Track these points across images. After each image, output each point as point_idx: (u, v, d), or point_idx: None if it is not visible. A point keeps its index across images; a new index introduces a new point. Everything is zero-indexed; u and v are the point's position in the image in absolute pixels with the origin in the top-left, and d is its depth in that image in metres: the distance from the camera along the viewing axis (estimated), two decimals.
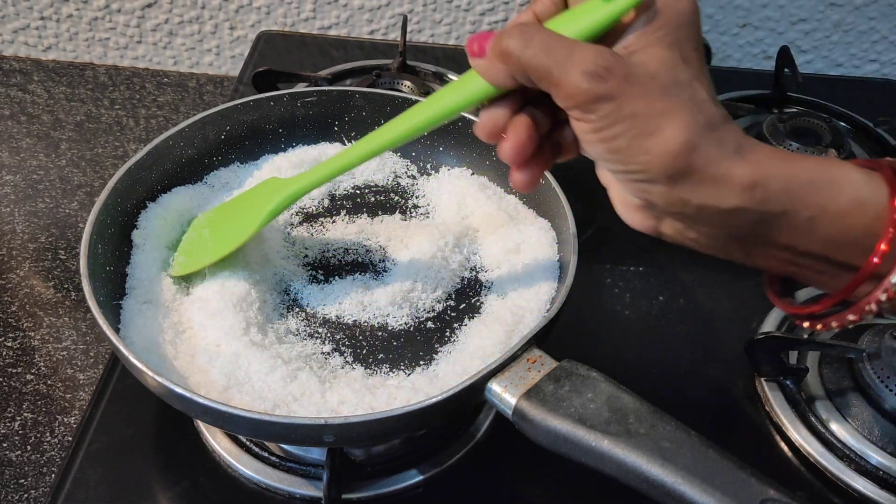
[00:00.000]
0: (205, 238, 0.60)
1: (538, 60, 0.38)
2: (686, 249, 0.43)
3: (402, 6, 1.06)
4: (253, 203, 0.59)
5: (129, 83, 1.06)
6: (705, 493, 0.40)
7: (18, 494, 0.60)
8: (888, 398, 0.58)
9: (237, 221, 0.59)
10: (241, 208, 0.60)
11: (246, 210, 0.59)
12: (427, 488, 0.56)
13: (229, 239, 0.58)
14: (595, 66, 0.37)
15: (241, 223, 0.58)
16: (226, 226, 0.60)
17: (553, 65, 0.38)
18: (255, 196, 0.59)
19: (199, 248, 0.60)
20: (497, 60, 0.41)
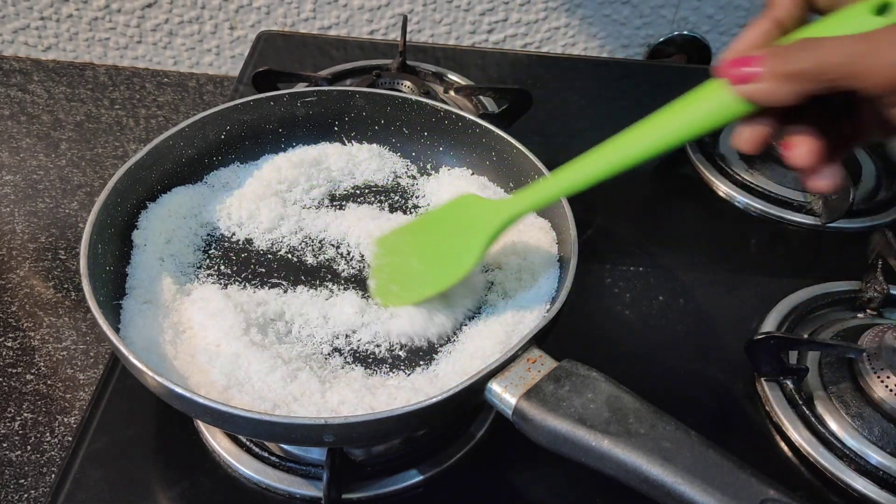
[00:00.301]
0: (413, 265, 0.57)
1: (837, 60, 0.38)
2: (686, 249, 0.43)
3: (402, 6, 1.06)
4: (457, 224, 0.56)
5: (129, 83, 1.06)
6: (705, 494, 0.41)
7: (18, 494, 0.60)
8: (888, 398, 0.58)
9: (447, 247, 0.56)
10: (444, 230, 0.57)
11: (452, 234, 0.56)
12: (427, 488, 0.56)
13: (446, 270, 0.55)
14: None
15: (453, 250, 0.55)
16: (433, 251, 0.57)
17: (855, 59, 0.38)
18: (455, 216, 0.56)
19: (410, 277, 0.57)
20: (785, 82, 0.39)
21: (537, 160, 0.64)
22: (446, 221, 0.58)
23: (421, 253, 0.58)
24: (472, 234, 0.55)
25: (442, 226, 0.58)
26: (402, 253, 0.59)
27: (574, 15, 1.07)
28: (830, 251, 0.77)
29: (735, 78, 0.41)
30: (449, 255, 0.56)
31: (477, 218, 0.55)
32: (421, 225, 0.61)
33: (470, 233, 0.55)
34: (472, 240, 0.55)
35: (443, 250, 0.57)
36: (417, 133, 0.72)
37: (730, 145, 0.41)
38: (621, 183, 0.83)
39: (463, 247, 0.55)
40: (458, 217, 0.57)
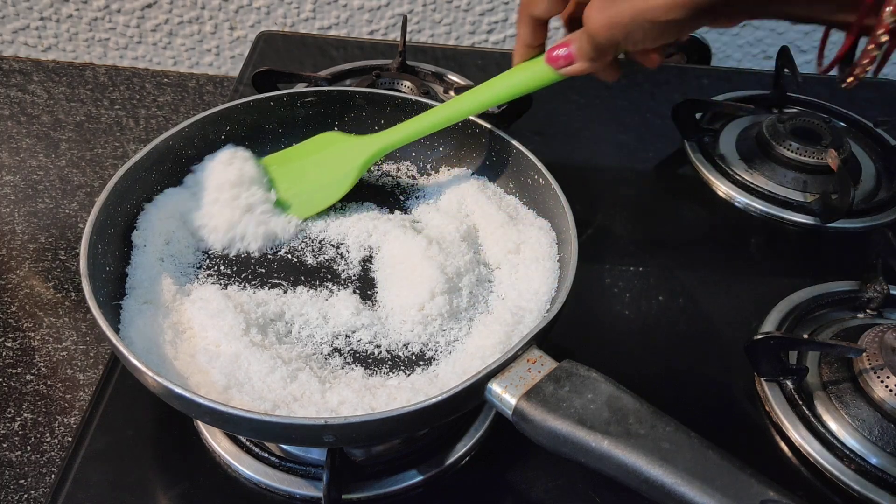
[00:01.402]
0: (299, 187, 0.67)
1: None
2: (686, 249, 0.43)
3: (401, 6, 1.06)
4: (327, 157, 0.67)
5: (129, 83, 1.06)
6: (705, 494, 0.41)
7: (18, 495, 0.60)
8: (888, 398, 0.58)
9: (323, 174, 0.67)
10: (317, 160, 0.67)
11: (325, 164, 0.67)
12: (427, 488, 0.56)
13: (323, 193, 0.66)
14: None
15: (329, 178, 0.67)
16: (311, 175, 0.67)
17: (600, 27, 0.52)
18: (323, 149, 0.68)
19: (304, 190, 0.67)
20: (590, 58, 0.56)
21: (537, 160, 0.64)
22: (316, 152, 0.68)
23: (305, 175, 0.68)
24: (344, 167, 0.66)
25: (314, 156, 0.68)
26: (291, 172, 0.68)
27: None
28: (830, 251, 0.77)
29: (557, 64, 0.58)
30: (327, 183, 0.67)
31: (345, 152, 0.67)
32: (296, 152, 0.69)
33: (341, 165, 0.67)
34: (343, 172, 0.66)
35: (322, 177, 0.67)
36: None
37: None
38: (621, 183, 0.84)
39: (337, 177, 0.67)
40: (326, 150, 0.68)
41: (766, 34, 1.07)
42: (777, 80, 0.91)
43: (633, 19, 0.49)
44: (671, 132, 0.87)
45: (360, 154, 0.66)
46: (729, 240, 0.78)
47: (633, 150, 0.88)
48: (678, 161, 0.86)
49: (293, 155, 0.69)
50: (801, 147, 0.81)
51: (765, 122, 0.84)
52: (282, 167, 0.68)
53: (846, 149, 0.80)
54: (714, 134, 0.87)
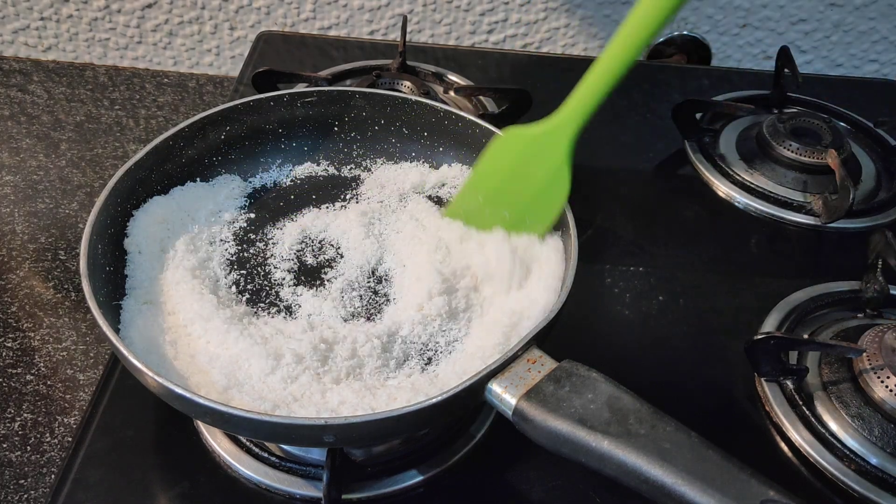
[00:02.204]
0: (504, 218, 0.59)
1: None
2: (686, 249, 0.43)
3: (401, 6, 1.06)
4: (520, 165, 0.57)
5: (128, 83, 1.06)
6: (705, 494, 0.40)
7: (18, 495, 0.60)
8: (888, 398, 0.58)
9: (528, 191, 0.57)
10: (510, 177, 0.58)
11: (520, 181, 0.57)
12: (427, 488, 0.56)
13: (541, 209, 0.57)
14: None
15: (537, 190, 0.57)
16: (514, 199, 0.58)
17: None
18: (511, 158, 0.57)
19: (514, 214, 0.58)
20: None
21: None
22: (504, 169, 0.58)
23: (504, 207, 0.58)
24: (546, 168, 0.56)
25: (502, 175, 0.58)
26: (483, 213, 0.59)
27: (574, 15, 1.07)
28: (830, 251, 0.77)
29: None
30: (534, 198, 0.57)
31: (537, 151, 0.55)
32: (480, 182, 0.60)
33: (543, 162, 0.56)
34: (549, 174, 0.56)
35: (524, 198, 0.57)
36: (417, 133, 0.72)
37: None
38: (621, 183, 0.84)
39: (544, 185, 0.56)
40: (514, 161, 0.57)
41: (766, 34, 1.08)
42: (777, 80, 0.91)
43: None
44: (671, 132, 0.87)
45: (556, 146, 0.56)
46: (729, 240, 0.78)
47: (633, 150, 0.88)
48: (678, 161, 0.86)
49: (478, 187, 0.60)
50: (801, 147, 0.81)
51: (765, 122, 0.84)
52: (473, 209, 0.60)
53: (846, 149, 0.80)
54: (714, 134, 0.87)
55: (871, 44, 1.08)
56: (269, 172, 0.71)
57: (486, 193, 0.60)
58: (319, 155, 0.73)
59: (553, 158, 0.56)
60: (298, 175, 0.72)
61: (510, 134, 0.59)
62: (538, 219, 0.58)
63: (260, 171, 0.71)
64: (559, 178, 0.56)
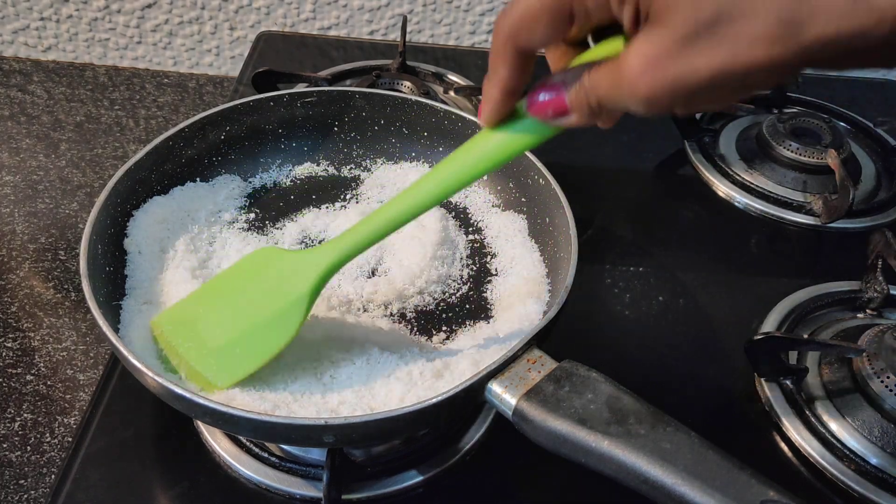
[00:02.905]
0: (218, 337, 0.52)
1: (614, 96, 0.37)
2: (686, 249, 0.43)
3: (401, 6, 1.06)
4: (261, 283, 0.50)
5: (128, 84, 1.06)
6: (705, 495, 0.40)
7: (18, 495, 0.60)
8: (888, 398, 0.58)
9: (259, 310, 0.51)
10: (244, 292, 0.51)
11: (260, 295, 0.50)
12: (427, 488, 0.56)
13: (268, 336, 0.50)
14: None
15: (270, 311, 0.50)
16: (240, 318, 0.51)
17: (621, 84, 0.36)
18: (254, 274, 0.51)
19: (225, 350, 0.51)
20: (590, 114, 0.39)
21: (537, 160, 0.64)
22: (242, 286, 0.53)
23: (224, 327, 0.51)
24: (288, 294, 0.50)
25: (238, 291, 0.52)
26: (195, 331, 0.52)
27: None
28: (830, 251, 0.77)
29: (546, 115, 0.41)
30: (264, 323, 0.51)
31: (286, 274, 0.50)
32: (210, 293, 0.54)
33: (283, 292, 0.50)
34: (290, 300, 0.50)
35: (253, 319, 0.51)
36: (417, 133, 0.72)
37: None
38: (621, 183, 0.84)
39: (280, 309, 0.50)
40: (257, 278, 0.52)
41: None
42: None
43: (713, 78, 0.34)
44: (671, 132, 0.87)
45: (305, 277, 0.50)
46: (729, 240, 0.78)
47: (633, 150, 0.88)
48: (678, 161, 0.86)
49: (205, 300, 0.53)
50: (800, 147, 0.81)
51: (765, 122, 0.85)
52: (179, 326, 0.53)
53: (846, 149, 0.80)
54: (714, 134, 0.87)
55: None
56: (269, 172, 0.71)
57: (211, 305, 0.54)
58: (319, 155, 0.73)
59: (298, 286, 0.50)
60: (298, 175, 0.72)
61: (267, 250, 0.55)
62: (258, 349, 0.51)
63: (260, 171, 0.71)
64: (296, 308, 0.50)
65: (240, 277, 0.54)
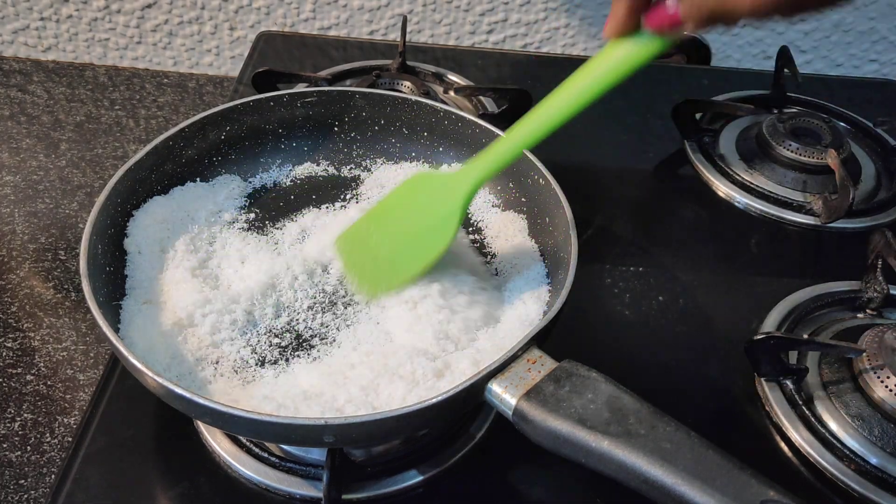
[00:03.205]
0: (385, 252, 0.58)
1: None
2: (686, 250, 0.43)
3: (401, 7, 1.06)
4: (419, 203, 0.57)
5: (128, 84, 1.06)
6: (705, 494, 0.40)
7: (18, 495, 0.60)
8: (888, 398, 0.58)
9: (416, 227, 0.57)
10: (406, 212, 0.58)
11: (417, 214, 0.57)
12: (427, 488, 0.56)
13: (423, 248, 0.56)
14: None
15: (425, 228, 0.57)
16: (401, 235, 0.58)
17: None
18: (413, 196, 0.58)
19: (388, 263, 0.58)
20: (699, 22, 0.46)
21: (537, 160, 0.64)
22: (405, 204, 0.59)
23: (389, 239, 0.58)
24: (441, 209, 0.56)
25: (402, 209, 0.59)
26: (367, 245, 0.59)
27: (574, 15, 1.07)
28: (830, 251, 0.77)
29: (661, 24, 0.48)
30: (422, 234, 0.57)
31: (439, 192, 0.56)
32: (379, 213, 0.61)
33: (438, 208, 0.56)
34: (443, 214, 0.56)
35: (413, 231, 0.57)
36: (417, 133, 0.72)
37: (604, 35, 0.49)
38: (621, 183, 0.84)
39: (435, 223, 0.56)
40: (416, 197, 0.58)
41: (766, 34, 1.08)
42: (777, 80, 0.91)
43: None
44: (671, 132, 0.87)
45: (455, 193, 0.56)
46: (729, 240, 0.78)
47: (633, 150, 0.88)
48: (678, 161, 0.86)
49: (375, 219, 0.60)
50: (800, 147, 0.81)
51: (765, 122, 0.84)
52: (355, 244, 0.60)
53: (846, 149, 0.80)
54: (714, 134, 0.87)
55: (871, 43, 1.08)
56: (269, 172, 0.71)
57: (379, 223, 0.60)
58: (319, 155, 0.73)
59: (448, 204, 0.57)
60: (298, 175, 0.72)
61: (418, 175, 0.61)
62: (417, 257, 0.57)
63: (260, 171, 0.71)
64: (448, 223, 0.56)
65: (401, 199, 0.60)
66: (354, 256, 0.60)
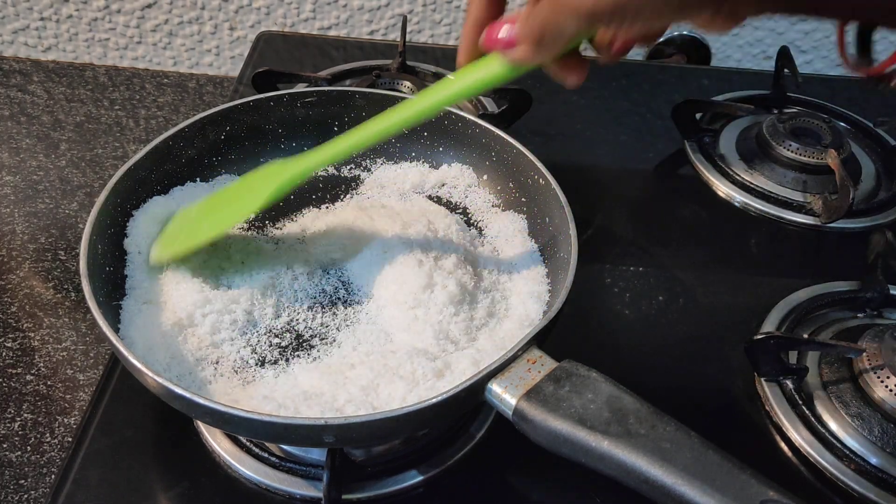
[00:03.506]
0: (192, 224, 0.59)
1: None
2: (686, 249, 0.43)
3: (401, 7, 1.06)
4: (252, 187, 0.58)
5: (128, 84, 1.06)
6: (705, 494, 0.41)
7: (18, 495, 0.60)
8: (888, 398, 0.58)
9: (232, 206, 0.59)
10: (238, 194, 0.60)
11: (244, 195, 0.59)
12: (427, 488, 0.56)
13: (221, 221, 0.58)
14: None
15: (237, 206, 0.58)
16: (219, 211, 0.59)
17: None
18: (253, 181, 0.59)
19: (184, 233, 0.59)
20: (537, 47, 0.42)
21: (537, 160, 0.64)
22: (244, 186, 0.60)
23: (205, 214, 0.59)
24: (259, 186, 0.57)
25: (238, 191, 0.61)
26: (185, 218, 0.61)
27: None
28: (830, 251, 0.77)
29: (498, 47, 0.44)
30: (230, 211, 0.58)
31: (269, 177, 0.57)
32: (219, 194, 0.62)
33: (256, 185, 0.57)
34: (257, 189, 0.57)
35: (229, 208, 0.59)
36: (417, 133, 0.72)
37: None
38: (621, 183, 0.84)
39: (247, 202, 0.57)
40: (244, 180, 0.60)
41: (766, 34, 1.08)
42: (777, 80, 0.91)
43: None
44: (671, 132, 0.87)
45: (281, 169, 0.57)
46: (729, 240, 0.78)
47: (633, 150, 0.88)
48: (678, 161, 0.86)
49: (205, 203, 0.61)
50: (801, 147, 0.81)
51: (765, 122, 0.84)
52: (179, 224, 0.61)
53: (846, 149, 0.80)
54: (714, 134, 0.87)
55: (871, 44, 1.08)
56: None
57: (206, 204, 0.61)
58: None
59: (272, 178, 0.57)
60: None
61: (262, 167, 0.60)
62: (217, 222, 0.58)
63: None
64: (258, 196, 0.56)
65: (233, 185, 0.62)
66: (171, 234, 0.60)
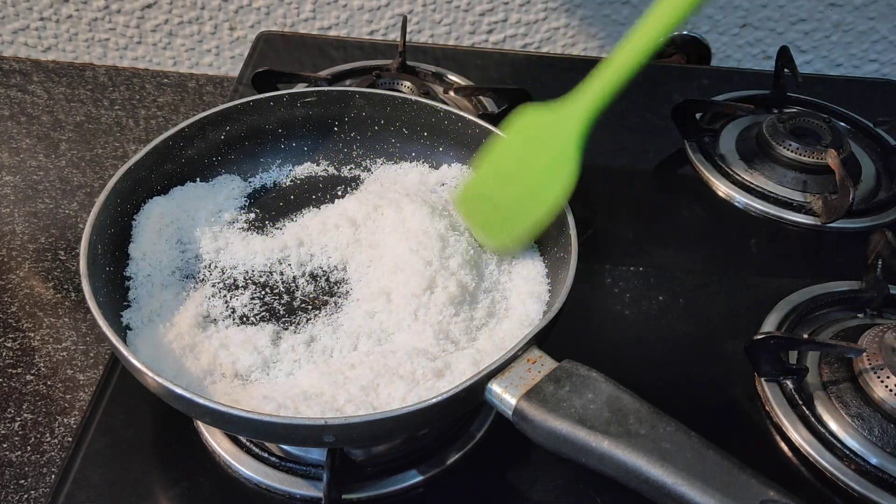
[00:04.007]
0: (508, 201, 0.57)
1: None
2: (686, 249, 0.43)
3: (401, 7, 1.06)
4: (532, 146, 0.56)
5: (128, 84, 1.06)
6: (705, 494, 0.41)
7: (18, 495, 0.60)
8: (888, 398, 0.58)
9: (535, 171, 0.56)
10: (520, 158, 0.57)
11: (533, 157, 0.56)
12: (427, 488, 0.56)
13: (547, 189, 0.55)
14: None
15: (544, 170, 0.55)
16: (521, 181, 0.57)
17: None
18: (524, 140, 0.56)
19: (513, 211, 0.57)
20: None
21: None
22: (516, 147, 0.58)
23: (507, 187, 0.57)
24: (554, 146, 0.55)
25: (514, 152, 0.58)
26: (487, 197, 0.59)
27: (574, 15, 1.07)
28: (830, 251, 0.77)
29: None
30: (539, 176, 0.56)
31: (549, 130, 0.55)
32: (492, 161, 0.60)
33: (551, 146, 0.55)
34: (556, 153, 0.54)
35: (529, 174, 0.56)
36: (417, 133, 0.72)
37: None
38: (621, 183, 0.84)
39: (550, 162, 0.55)
40: (527, 138, 0.57)
41: (766, 34, 1.08)
42: (777, 80, 0.91)
43: None
44: (671, 132, 0.87)
45: (568, 130, 0.54)
46: (729, 240, 0.78)
47: (633, 150, 0.88)
48: (678, 161, 0.86)
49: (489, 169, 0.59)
50: (801, 147, 0.81)
51: (765, 122, 0.84)
52: (476, 197, 0.60)
53: (846, 149, 0.80)
54: (714, 134, 0.87)
55: (871, 44, 1.08)
56: (269, 172, 0.71)
57: (494, 171, 0.60)
58: (319, 155, 0.73)
59: (563, 142, 0.55)
60: (298, 175, 0.72)
61: (524, 112, 0.59)
62: (537, 201, 0.57)
63: (260, 171, 0.71)
64: (565, 162, 0.55)
65: (512, 143, 0.59)
66: (476, 211, 0.60)
